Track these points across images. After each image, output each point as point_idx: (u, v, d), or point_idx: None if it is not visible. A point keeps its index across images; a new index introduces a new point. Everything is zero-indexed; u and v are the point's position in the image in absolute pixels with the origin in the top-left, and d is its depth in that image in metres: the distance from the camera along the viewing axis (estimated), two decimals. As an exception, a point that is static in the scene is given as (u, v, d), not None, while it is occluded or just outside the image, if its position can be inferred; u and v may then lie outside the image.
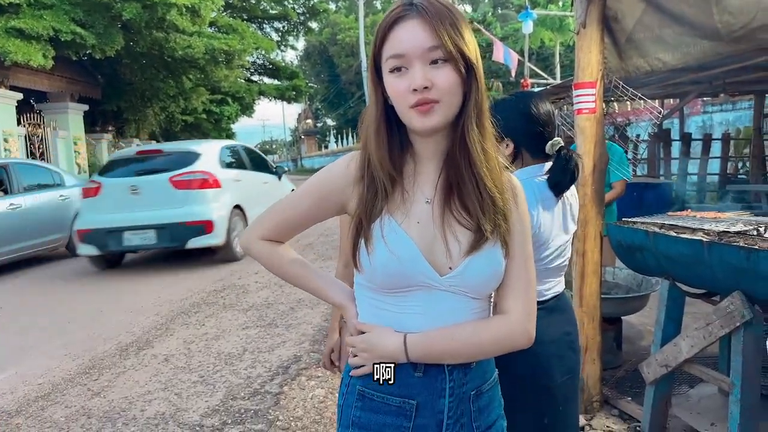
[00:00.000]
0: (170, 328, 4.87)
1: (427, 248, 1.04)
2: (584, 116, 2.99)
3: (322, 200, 1.14)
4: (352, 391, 1.13)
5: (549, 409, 1.68)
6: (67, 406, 3.41)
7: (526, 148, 1.72)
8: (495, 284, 1.08)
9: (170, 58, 14.63)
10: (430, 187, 1.07)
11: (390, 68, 1.00)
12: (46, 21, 11.03)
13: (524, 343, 1.11)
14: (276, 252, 1.20)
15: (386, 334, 1.07)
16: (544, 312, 1.66)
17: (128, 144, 18.53)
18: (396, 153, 1.06)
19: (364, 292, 1.12)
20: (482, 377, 1.14)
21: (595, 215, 3.02)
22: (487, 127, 1.06)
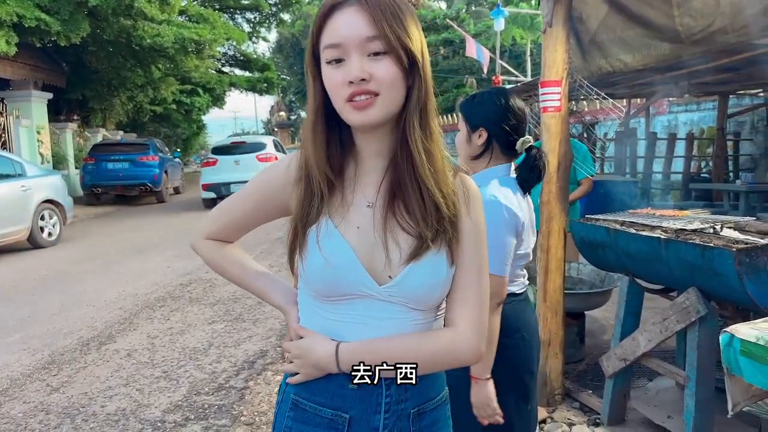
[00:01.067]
0: (134, 322, 4.78)
1: (366, 255, 0.98)
2: (550, 114, 3.04)
3: (264, 202, 1.10)
4: (286, 400, 1.07)
5: (531, 393, 1.78)
6: (25, 402, 3.33)
7: (498, 140, 1.74)
8: (439, 295, 1.00)
9: (138, 47, 14.29)
10: (373, 190, 1.00)
11: (327, 59, 0.93)
12: (9, 6, 10.64)
13: (472, 359, 1.02)
14: (219, 252, 1.16)
15: (319, 342, 1.01)
16: (524, 303, 1.80)
17: (94, 133, 18.11)
18: (335, 152, 0.99)
19: (306, 297, 1.06)
20: (426, 395, 1.05)
21: (560, 212, 3.07)
22: (433, 126, 0.99)
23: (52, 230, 9.00)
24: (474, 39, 13.17)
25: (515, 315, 1.72)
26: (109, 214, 12.94)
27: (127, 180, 14.19)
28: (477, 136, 1.75)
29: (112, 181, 14.17)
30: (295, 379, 1.04)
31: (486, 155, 1.76)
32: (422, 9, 24.29)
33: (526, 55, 15.95)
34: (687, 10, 2.76)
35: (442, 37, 21.70)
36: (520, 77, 11.78)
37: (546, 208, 3.07)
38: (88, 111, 17.88)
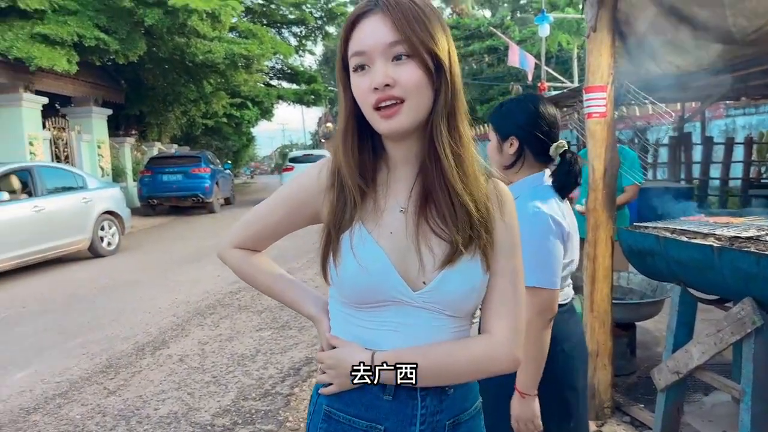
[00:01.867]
0: (186, 329, 4.94)
1: (400, 261, 0.96)
2: (595, 120, 2.98)
3: (294, 209, 1.09)
4: (319, 411, 1.05)
5: (575, 411, 1.70)
6: (84, 404, 3.49)
7: (530, 147, 1.70)
8: (474, 301, 0.98)
9: (191, 63, 14.86)
10: (405, 195, 0.99)
11: (353, 67, 0.93)
12: (71, 27, 11.27)
13: (508, 367, 0.99)
14: (248, 262, 1.15)
15: (354, 351, 0.99)
16: (568, 314, 1.72)
17: (150, 147, 18.87)
18: (367, 159, 0.99)
19: (337, 305, 1.05)
20: (461, 405, 1.03)
21: (606, 219, 3.00)
22: (462, 131, 0.96)
23: (112, 240, 9.42)
24: (518, 46, 13.04)
25: (555, 327, 1.64)
26: (164, 225, 13.42)
27: (180, 191, 14.71)
28: (508, 145, 1.71)
29: (167, 192, 14.72)
30: (328, 389, 1.02)
31: (518, 164, 1.72)
32: (466, 18, 24.22)
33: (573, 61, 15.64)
34: (740, 10, 2.66)
35: (487, 44, 21.57)
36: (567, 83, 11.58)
37: (592, 216, 3.01)
38: (144, 126, 18.66)
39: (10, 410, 3.45)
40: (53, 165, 10.11)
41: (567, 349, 1.68)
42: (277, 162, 54.17)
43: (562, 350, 1.66)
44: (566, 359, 1.67)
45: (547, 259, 1.55)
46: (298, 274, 6.62)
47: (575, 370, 1.71)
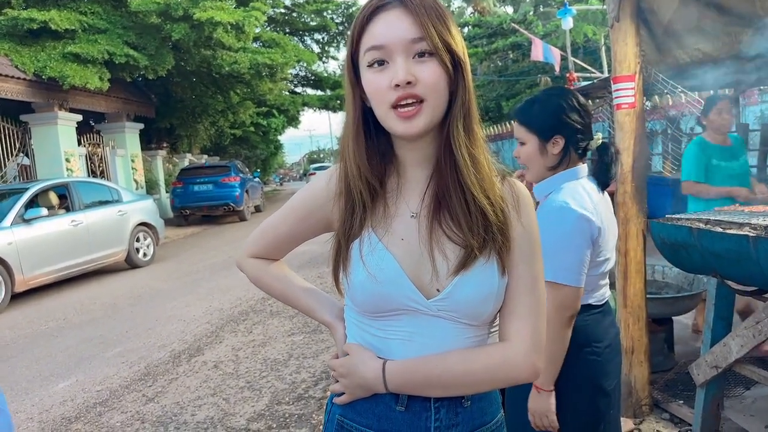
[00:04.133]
0: (220, 335, 5.02)
1: (413, 268, 0.92)
2: (623, 111, 2.92)
3: (305, 218, 1.06)
4: (332, 420, 1.03)
5: (606, 413, 1.66)
6: (123, 412, 3.58)
7: (575, 145, 1.63)
8: (491, 308, 0.94)
9: (218, 75, 15.13)
10: (416, 200, 0.95)
11: (369, 62, 0.88)
12: (101, 45, 11.61)
13: (528, 376, 0.94)
14: (263, 270, 1.14)
15: (366, 360, 0.96)
16: (600, 315, 1.68)
17: (181, 159, 19.27)
18: (376, 162, 0.94)
19: (351, 313, 1.02)
20: (480, 419, 0.99)
21: (636, 213, 2.94)
22: (476, 131, 0.93)
23: (147, 251, 9.65)
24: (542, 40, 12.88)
25: (585, 328, 1.62)
26: (197, 234, 13.67)
27: (211, 201, 14.97)
28: (552, 145, 1.63)
29: (199, 202, 15.00)
30: (341, 399, 1.00)
31: (564, 163, 1.64)
32: (488, 16, 24.04)
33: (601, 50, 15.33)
34: (768, -9, 2.58)
35: (510, 41, 21.35)
36: (596, 73, 11.37)
37: (622, 210, 2.95)
38: (175, 138, 19.07)
39: (52, 419, 3.56)
40: (89, 180, 10.42)
41: (597, 350, 1.63)
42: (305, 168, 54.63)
43: (592, 352, 1.62)
44: (596, 361, 1.63)
45: (569, 255, 1.51)
46: (328, 278, 6.66)
47: (606, 373, 1.65)
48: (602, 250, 1.60)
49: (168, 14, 12.10)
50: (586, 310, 1.63)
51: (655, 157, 9.71)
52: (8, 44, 10.92)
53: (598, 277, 1.64)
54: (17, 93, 10.99)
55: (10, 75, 10.60)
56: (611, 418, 1.70)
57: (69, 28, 11.33)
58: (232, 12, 12.67)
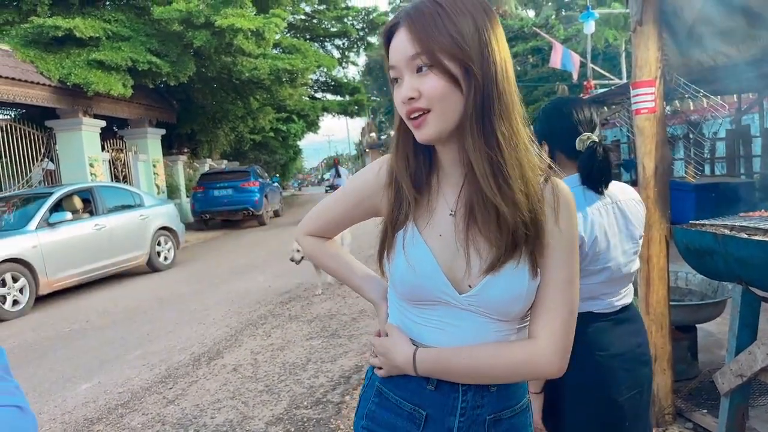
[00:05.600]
0: (239, 339, 5.06)
1: (448, 263, 0.98)
2: (643, 116, 2.89)
3: (356, 204, 1.15)
4: (372, 385, 1.13)
5: (615, 423, 1.62)
6: (144, 414, 3.62)
7: (560, 148, 1.67)
8: (521, 307, 0.98)
9: (238, 81, 15.30)
10: (454, 199, 1.01)
11: (391, 78, 0.97)
12: (124, 52, 11.82)
13: (549, 373, 0.98)
14: (319, 247, 1.25)
15: (400, 344, 1.05)
16: (611, 324, 1.63)
17: (202, 164, 19.51)
18: (420, 162, 1.02)
19: (393, 296, 1.11)
20: (504, 403, 1.05)
21: (659, 218, 2.90)
22: (502, 132, 0.91)
23: (168, 255, 9.77)
24: (563, 45, 12.79)
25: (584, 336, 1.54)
26: (217, 238, 13.80)
27: (231, 206, 15.11)
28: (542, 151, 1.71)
29: (218, 207, 15.15)
30: (380, 372, 1.09)
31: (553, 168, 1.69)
32: (509, 20, 23.96)
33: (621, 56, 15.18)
34: (795, -7, 2.53)
35: (530, 45, 21.27)
36: (614, 80, 11.26)
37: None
38: (196, 143, 19.31)
39: (75, 421, 3.62)
40: (112, 185, 10.60)
41: (601, 359, 1.59)
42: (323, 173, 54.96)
43: (595, 360, 1.58)
44: (601, 369, 1.58)
45: None
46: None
47: (615, 383, 1.60)
48: (593, 260, 1.56)
49: (190, 22, 12.28)
50: (589, 318, 1.58)
51: (677, 162, 9.57)
52: (34, 51, 11.18)
53: (599, 285, 1.60)
54: (43, 99, 11.23)
55: (36, 81, 10.84)
56: (626, 429, 1.63)
57: (93, 36, 11.55)
58: (252, 19, 12.81)
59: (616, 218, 1.62)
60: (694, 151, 8.03)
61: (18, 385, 0.81)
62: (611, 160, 1.62)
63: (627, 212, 1.66)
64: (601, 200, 1.61)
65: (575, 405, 1.59)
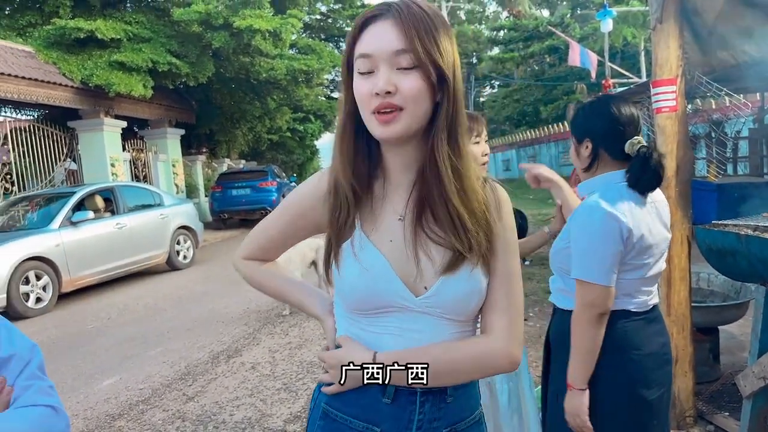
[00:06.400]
0: (257, 337, 5.11)
1: (400, 267, 0.97)
2: (664, 115, 2.86)
3: (296, 220, 1.10)
4: (317, 407, 1.07)
5: (647, 424, 1.63)
6: (164, 410, 3.67)
7: (605, 148, 1.68)
8: (476, 304, 0.99)
9: (255, 81, 15.42)
10: (402, 204, 0.99)
11: (358, 69, 0.93)
12: (145, 53, 11.99)
13: (507, 365, 1.00)
14: (256, 270, 1.18)
15: (356, 352, 1.00)
16: (644, 322, 1.65)
17: (220, 164, 19.68)
18: (363, 164, 0.99)
19: (341, 311, 1.06)
20: (459, 414, 1.03)
21: (681, 218, 2.87)
22: (461, 143, 0.97)
23: (187, 253, 9.88)
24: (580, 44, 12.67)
25: (624, 334, 1.60)
26: (235, 237, 13.92)
27: (249, 205, 15.22)
28: (584, 148, 1.71)
29: (237, 206, 15.27)
30: (330, 389, 1.03)
31: (594, 165, 1.70)
32: (523, 20, 23.80)
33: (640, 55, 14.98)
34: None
35: (547, 45, 21.09)
36: (633, 78, 11.13)
37: (664, 215, 2.88)
38: (214, 143, 19.48)
39: (96, 417, 3.68)
40: (133, 184, 10.75)
41: (636, 358, 1.60)
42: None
43: (630, 359, 1.60)
44: (635, 368, 1.59)
45: (597, 253, 1.53)
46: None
47: (648, 382, 1.61)
48: (639, 254, 1.58)
49: (209, 23, 12.42)
50: (624, 315, 1.61)
51: (699, 161, 9.43)
52: (56, 52, 11.38)
53: (637, 282, 1.61)
54: (65, 100, 11.44)
55: (59, 82, 11.04)
56: (654, 429, 1.65)
57: (114, 37, 11.74)
58: (269, 20, 12.92)
59: (654, 217, 1.64)
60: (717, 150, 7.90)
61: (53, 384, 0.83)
62: (665, 166, 1.62)
63: (661, 212, 1.67)
64: (641, 198, 1.62)
65: (611, 403, 1.60)
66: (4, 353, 0.80)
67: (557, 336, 1.74)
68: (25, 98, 10.49)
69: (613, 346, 1.58)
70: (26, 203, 8.61)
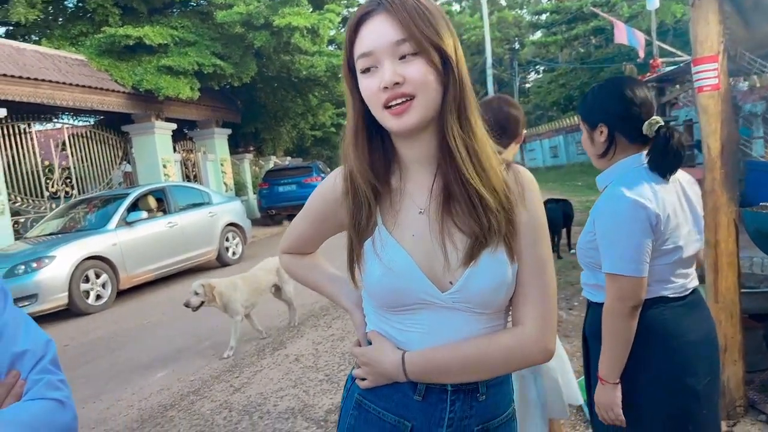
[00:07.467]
0: (301, 330, 5.22)
1: (425, 262, 0.96)
2: (706, 94, 2.75)
3: (319, 221, 1.13)
4: (351, 397, 1.08)
5: (694, 414, 1.57)
6: (213, 400, 3.81)
7: (621, 131, 1.63)
8: (504, 295, 0.97)
9: (296, 79, 15.65)
10: (422, 196, 0.98)
11: (361, 69, 0.93)
12: (191, 57, 12.36)
13: (540, 357, 0.98)
14: (296, 263, 1.23)
15: (386, 352, 1.00)
16: (685, 308, 1.60)
17: (266, 161, 20.09)
18: (379, 162, 0.99)
19: (369, 306, 1.06)
20: (492, 412, 1.02)
21: (727, 201, 2.75)
22: (474, 124, 0.95)
23: (236, 250, 10.16)
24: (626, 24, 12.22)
25: (663, 322, 1.54)
26: (282, 233, 14.12)
27: (295, 201, 15.43)
28: (598, 134, 1.66)
29: (283, 202, 15.54)
30: (364, 384, 1.04)
31: (611, 151, 1.65)
32: (566, 1, 23.13)
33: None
34: None
35: (592, 26, 20.41)
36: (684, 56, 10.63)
37: (710, 198, 2.76)
38: (260, 142, 19.89)
39: (150, 407, 3.86)
40: (183, 184, 11.13)
41: (676, 346, 1.54)
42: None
43: (671, 347, 1.54)
44: (677, 357, 1.54)
45: (625, 244, 1.48)
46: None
47: (693, 370, 1.55)
48: (669, 238, 1.52)
49: (250, 23, 12.68)
50: (661, 302, 1.56)
51: (756, 141, 8.96)
52: (108, 60, 11.88)
53: (670, 266, 1.55)
54: (118, 105, 11.94)
55: (111, 89, 11.53)
56: (704, 420, 1.58)
57: (162, 43, 12.14)
58: (307, 16, 13.08)
59: (679, 197, 1.58)
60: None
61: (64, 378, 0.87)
62: (685, 145, 1.57)
63: (689, 192, 1.62)
64: (664, 180, 1.57)
65: (652, 394, 1.55)
66: (19, 348, 0.83)
67: (593, 330, 1.69)
68: (81, 105, 11.00)
69: (651, 335, 1.53)
70: (85, 205, 9.05)
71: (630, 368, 1.55)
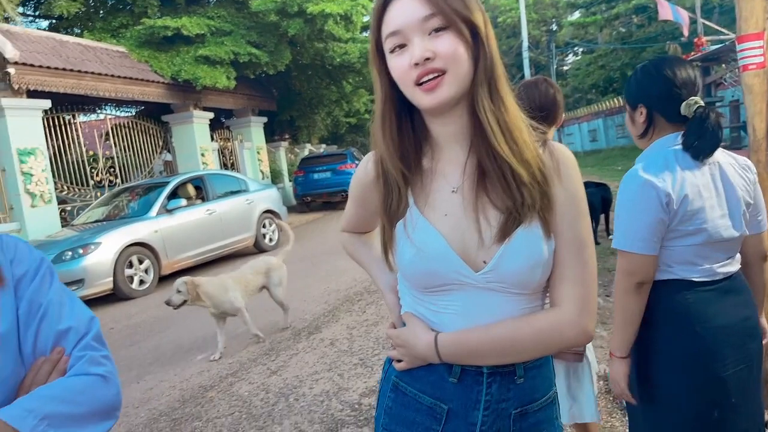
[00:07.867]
0: (336, 315, 5.29)
1: (458, 242, 0.94)
2: (751, 72, 2.64)
3: (360, 204, 1.15)
4: (388, 379, 1.08)
5: (719, 401, 1.54)
6: (250, 383, 3.91)
7: (660, 111, 1.61)
8: (540, 274, 0.94)
9: (330, 66, 15.71)
10: (455, 174, 0.97)
11: (390, 48, 0.93)
12: (227, 46, 12.53)
13: (578, 340, 0.95)
14: (350, 243, 1.27)
15: (419, 333, 1.00)
16: (716, 294, 1.56)
17: (302, 149, 20.29)
18: (409, 144, 0.98)
19: (404, 287, 1.07)
20: (530, 396, 1.00)
21: (772, 184, 2.65)
22: (505, 97, 0.94)
23: (272, 236, 10.34)
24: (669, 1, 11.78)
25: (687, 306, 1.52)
26: (317, 220, 14.35)
27: (330, 188, 15.59)
28: (638, 114, 1.66)
29: (318, 189, 15.70)
30: (399, 366, 1.05)
31: (650, 131, 1.64)
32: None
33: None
34: None
35: (633, 4, 19.74)
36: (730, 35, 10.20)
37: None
38: (295, 129, 20.09)
39: (191, 388, 3.99)
40: (221, 172, 11.35)
41: (703, 331, 1.51)
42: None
43: (695, 332, 1.51)
44: (703, 342, 1.51)
45: (634, 221, 1.50)
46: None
47: (719, 356, 1.51)
48: (688, 219, 1.49)
49: (284, 11, 12.75)
50: (686, 286, 1.53)
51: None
52: (147, 51, 12.16)
53: (694, 248, 1.52)
54: (158, 96, 12.22)
55: (152, 80, 11.80)
56: (734, 408, 1.54)
57: (199, 33, 12.34)
58: (341, 3, 13.08)
59: (713, 179, 1.54)
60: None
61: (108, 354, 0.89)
62: (722, 127, 1.54)
63: (727, 173, 1.56)
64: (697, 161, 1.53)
65: (672, 377, 1.55)
66: (63, 326, 0.87)
67: None
68: (122, 96, 11.31)
69: (672, 318, 1.53)
70: (127, 194, 9.34)
71: (651, 349, 1.56)
